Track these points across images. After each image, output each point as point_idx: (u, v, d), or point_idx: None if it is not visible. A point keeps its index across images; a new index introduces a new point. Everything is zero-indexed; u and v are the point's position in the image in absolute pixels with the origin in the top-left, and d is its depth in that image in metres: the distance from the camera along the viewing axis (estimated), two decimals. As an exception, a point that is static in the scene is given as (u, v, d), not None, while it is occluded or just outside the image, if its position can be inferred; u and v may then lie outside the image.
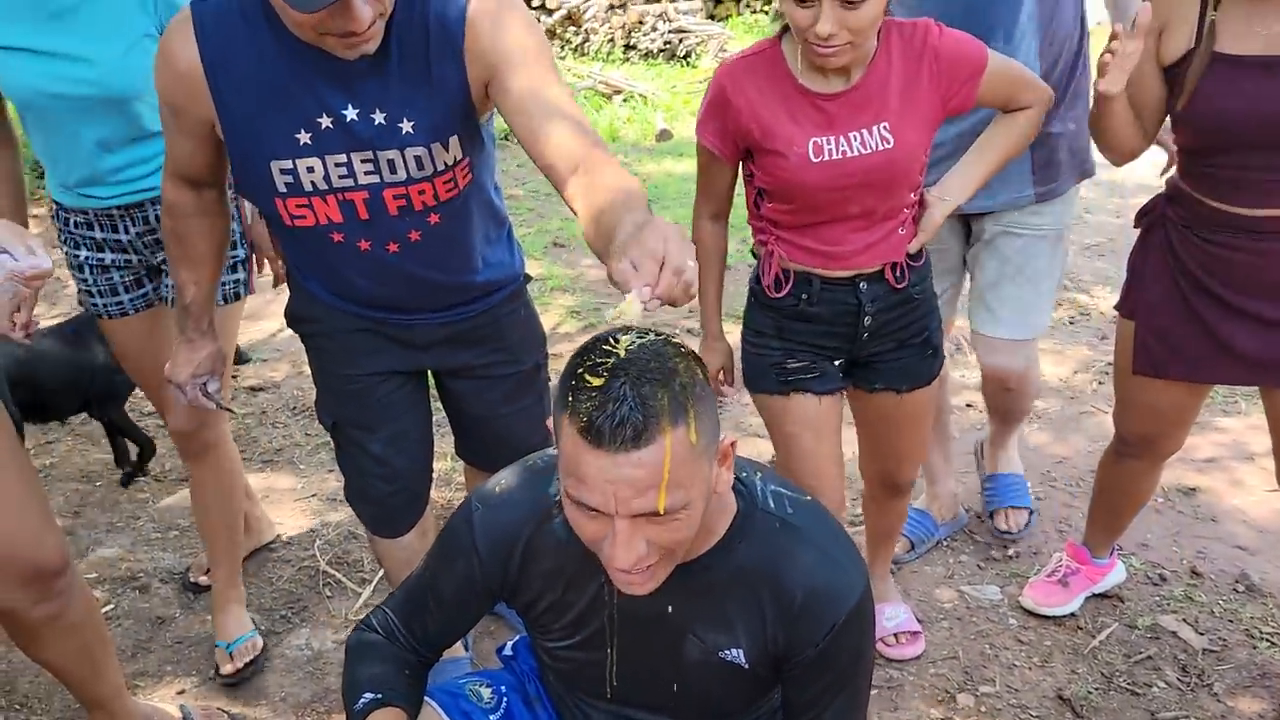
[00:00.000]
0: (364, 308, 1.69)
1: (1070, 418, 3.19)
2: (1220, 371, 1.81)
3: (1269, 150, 1.59)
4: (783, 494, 1.22)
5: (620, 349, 0.99)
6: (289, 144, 1.45)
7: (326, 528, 2.70)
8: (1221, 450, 2.93)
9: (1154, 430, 2.01)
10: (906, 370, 1.85)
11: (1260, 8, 1.58)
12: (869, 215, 1.68)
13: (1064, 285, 4.22)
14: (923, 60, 1.61)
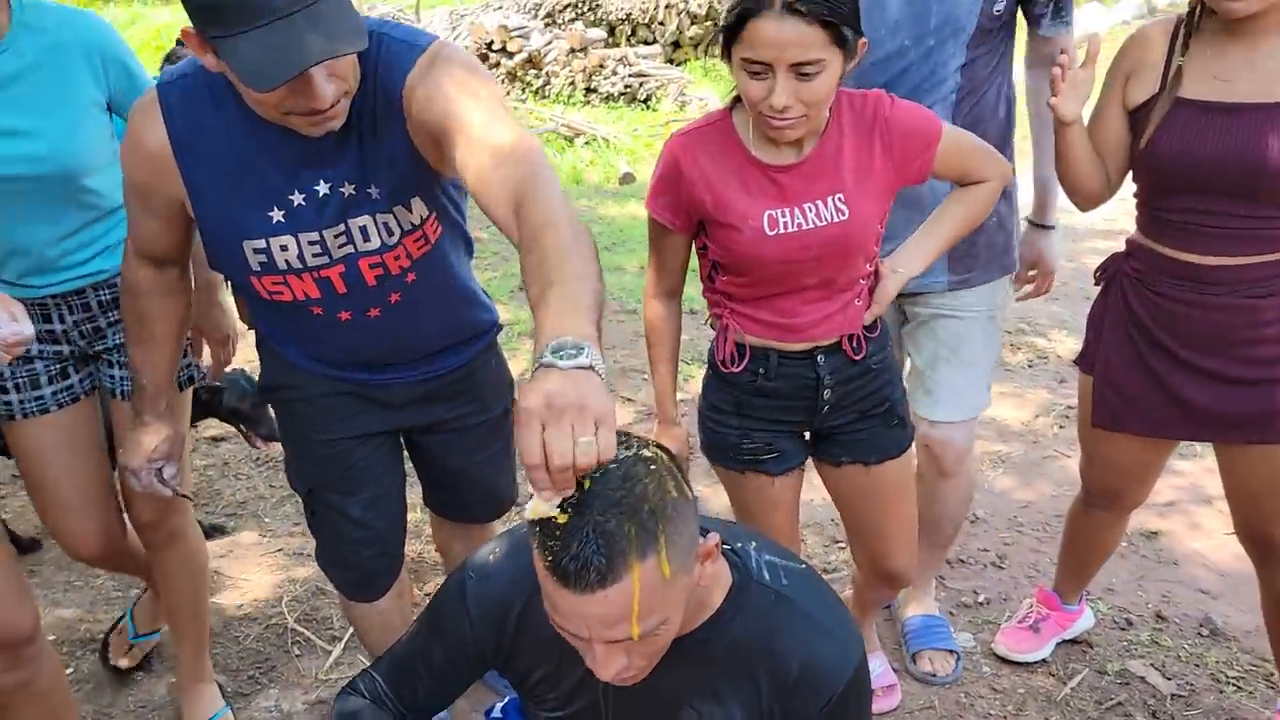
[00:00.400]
0: (344, 370, 1.68)
1: (1034, 462, 3.24)
2: (1175, 426, 1.86)
3: (1222, 196, 1.65)
4: (776, 564, 1.23)
5: (587, 479, 0.98)
6: (262, 222, 1.43)
7: (294, 584, 2.65)
8: (1181, 494, 2.99)
9: (1118, 484, 2.05)
10: (872, 442, 1.79)
11: (1223, 57, 1.64)
12: (825, 287, 1.64)
13: (1021, 329, 4.31)
14: (874, 131, 1.59)
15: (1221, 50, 1.65)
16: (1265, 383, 1.72)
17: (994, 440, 3.38)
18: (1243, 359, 1.73)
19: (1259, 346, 1.71)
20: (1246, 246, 1.67)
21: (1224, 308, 1.71)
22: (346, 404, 1.71)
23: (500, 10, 10.14)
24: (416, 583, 2.62)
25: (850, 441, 1.79)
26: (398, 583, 1.89)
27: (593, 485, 0.98)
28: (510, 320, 4.35)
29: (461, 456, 1.86)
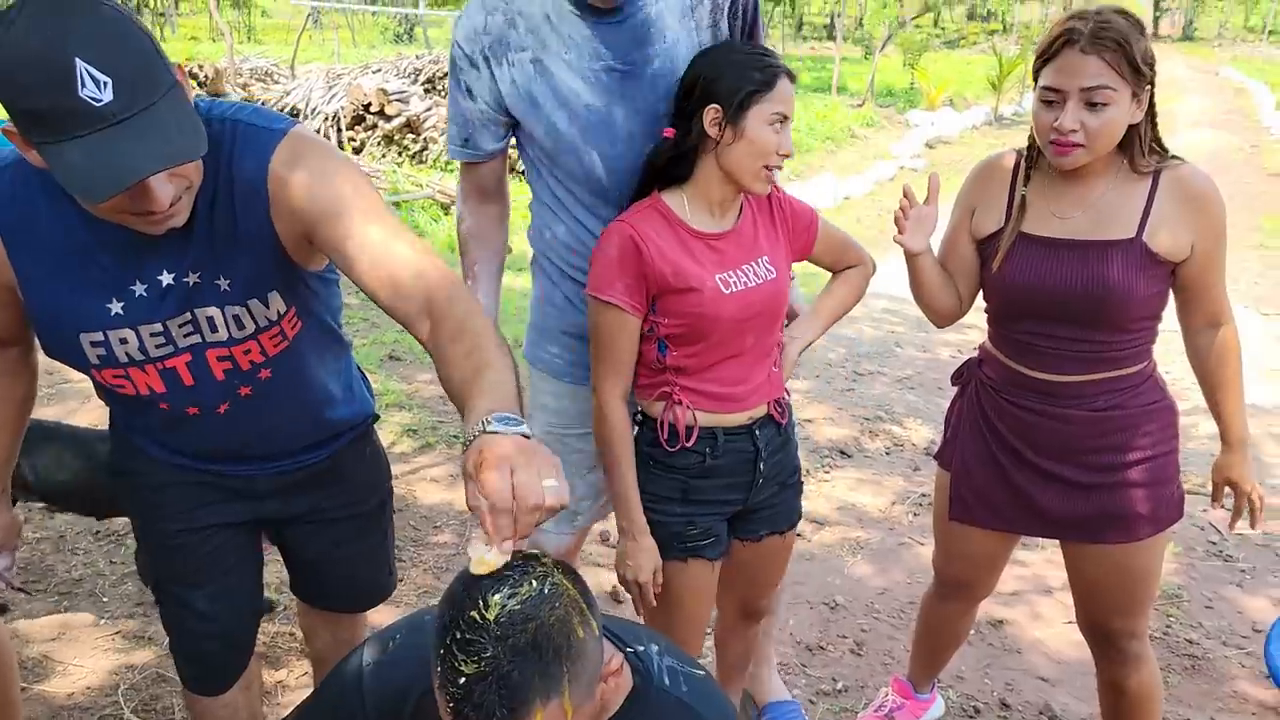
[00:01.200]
0: (198, 460, 1.60)
1: (890, 549, 3.36)
2: (1024, 524, 1.98)
3: (1066, 323, 1.79)
4: (678, 671, 1.25)
5: (491, 617, 0.99)
6: (99, 315, 1.35)
7: (132, 670, 2.48)
8: (1024, 585, 3.16)
9: (969, 574, 2.16)
10: (785, 509, 1.94)
11: (1061, 196, 1.79)
12: (757, 348, 1.79)
13: (879, 416, 4.50)
14: (773, 209, 1.82)
15: (1058, 188, 1.80)
16: (1105, 487, 1.85)
17: (853, 526, 3.49)
18: (1086, 465, 1.86)
19: (1102, 454, 1.85)
20: (1090, 366, 1.81)
21: (1071, 419, 1.84)
22: (200, 493, 1.63)
23: (380, 73, 10.11)
24: (269, 668, 2.49)
25: (770, 514, 1.91)
26: (245, 674, 1.80)
27: (499, 627, 0.99)
28: (380, 390, 4.26)
29: (327, 549, 1.79)
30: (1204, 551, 3.44)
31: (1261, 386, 5.43)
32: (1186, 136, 15.78)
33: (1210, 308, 1.82)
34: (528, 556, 1.06)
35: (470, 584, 1.03)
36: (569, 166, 1.78)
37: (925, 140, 14.76)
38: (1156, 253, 1.73)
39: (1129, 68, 1.64)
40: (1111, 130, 1.68)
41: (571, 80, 1.71)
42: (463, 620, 1.00)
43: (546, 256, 1.90)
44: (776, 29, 24.63)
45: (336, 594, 1.91)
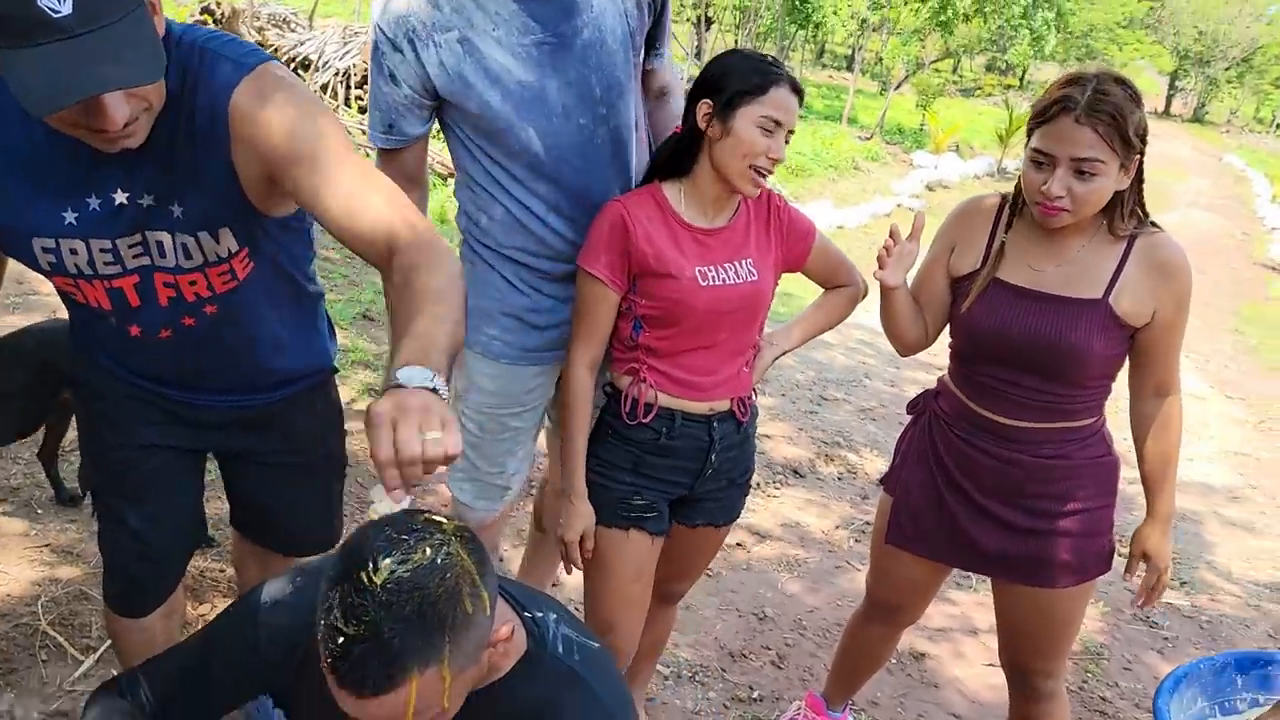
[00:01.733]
0: (147, 381, 1.60)
1: (826, 570, 3.40)
2: (958, 557, 2.01)
3: (1026, 371, 1.82)
4: (573, 640, 1.26)
5: (379, 581, 1.00)
6: (53, 221, 1.35)
7: (55, 583, 2.47)
8: (951, 623, 3.20)
9: (899, 600, 2.19)
10: (728, 506, 1.99)
11: (1038, 247, 1.82)
12: (730, 343, 1.83)
13: (837, 442, 4.54)
14: (770, 216, 1.87)
15: (1037, 240, 1.83)
16: (1041, 533, 1.89)
17: (794, 544, 3.52)
18: (1026, 509, 1.89)
19: (1043, 500, 1.88)
20: (1044, 415, 1.84)
21: (1018, 463, 1.88)
22: (145, 411, 1.63)
23: (397, 36, 10.07)
24: (194, 601, 2.49)
25: (712, 506, 1.96)
26: (169, 601, 1.79)
27: (385, 592, 1.00)
28: (348, 347, 4.26)
29: (267, 490, 1.79)
30: (1131, 615, 3.49)
31: (1216, 466, 5.52)
32: (1183, 215, 16.01)
33: (1161, 376, 1.85)
34: (430, 521, 1.07)
35: (364, 543, 1.03)
36: (506, 145, 1.74)
37: (926, 182, 14.87)
38: (1120, 316, 1.76)
39: (1120, 141, 1.66)
40: (1098, 199, 1.71)
41: (502, 57, 1.67)
42: (350, 580, 1.01)
43: (482, 242, 1.87)
44: (798, 53, 24.73)
45: (273, 534, 1.91)
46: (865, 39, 21.37)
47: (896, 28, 19.92)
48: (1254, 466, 5.65)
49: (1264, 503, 5.06)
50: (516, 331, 1.90)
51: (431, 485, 3.25)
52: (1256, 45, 37.29)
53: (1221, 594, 3.83)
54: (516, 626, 1.18)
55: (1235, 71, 38.85)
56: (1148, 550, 1.92)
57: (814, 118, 18.86)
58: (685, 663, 2.72)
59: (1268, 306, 10.58)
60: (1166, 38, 38.46)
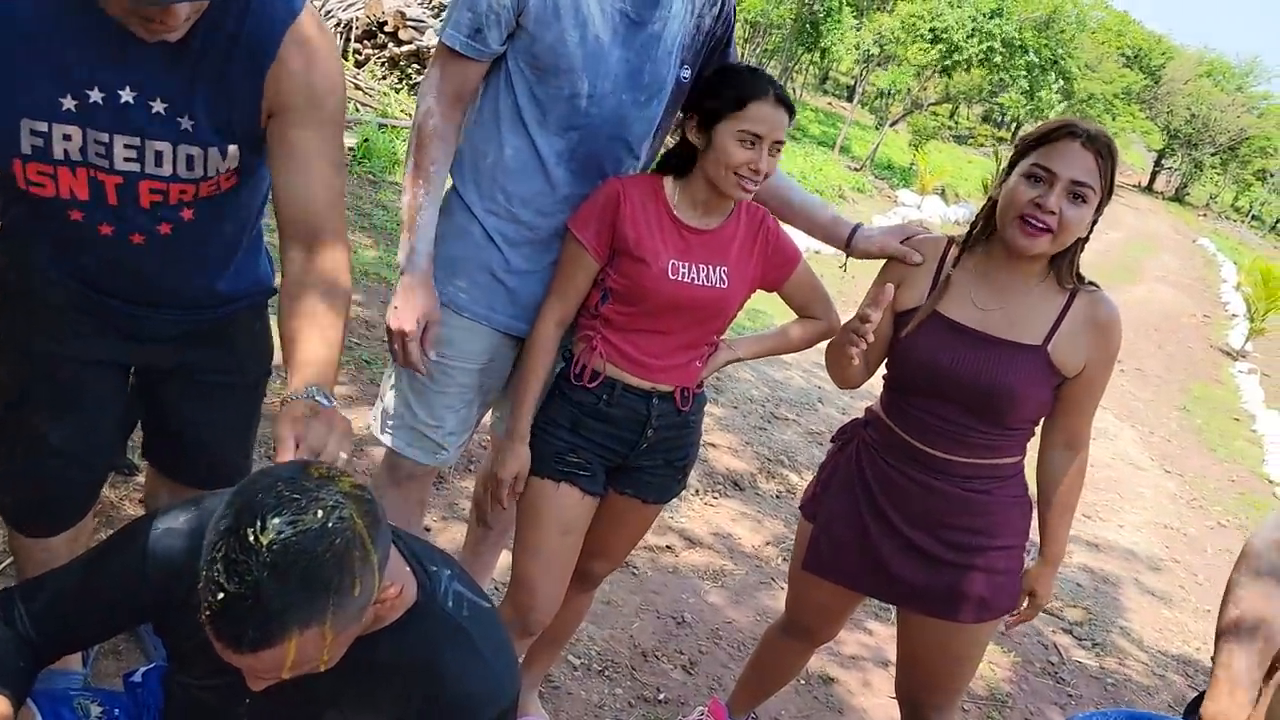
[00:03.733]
0: (88, 288, 1.57)
1: (750, 585, 3.42)
2: (872, 585, 2.03)
3: (955, 406, 1.85)
4: (464, 595, 1.26)
5: (265, 542, 0.99)
6: (49, 106, 1.34)
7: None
8: (863, 651, 3.23)
9: (813, 621, 2.21)
10: (658, 485, 2.02)
11: (983, 286, 1.85)
12: (684, 335, 1.90)
13: (781, 460, 4.57)
14: (758, 234, 1.94)
15: (984, 278, 1.86)
16: (955, 566, 1.92)
17: (722, 555, 3.54)
18: (944, 541, 1.92)
19: (961, 534, 1.91)
20: (971, 451, 1.87)
21: (941, 493, 1.90)
22: (80, 321, 1.59)
23: (404, -4, 9.99)
24: (104, 528, 2.45)
25: (642, 480, 2.00)
26: (78, 525, 1.77)
27: (270, 554, 0.98)
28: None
29: (196, 413, 1.77)
30: (1040, 668, 3.55)
31: (1144, 535, 5.62)
32: (1150, 289, 16.30)
33: (1074, 428, 1.90)
34: (325, 478, 1.06)
35: (254, 498, 1.02)
36: (556, 85, 1.81)
37: (907, 220, 15.01)
38: (1055, 365, 1.81)
39: (1108, 180, 1.75)
40: (1079, 228, 1.76)
41: (594, 7, 1.79)
42: (236, 536, 1.00)
43: (475, 183, 1.90)
44: (802, 75, 24.88)
45: (191, 465, 1.88)
46: (870, 72, 21.54)
47: (903, 62, 20.12)
48: (1181, 541, 5.76)
49: (1184, 577, 5.17)
50: (485, 288, 1.93)
51: (364, 447, 3.22)
52: (1244, 135, 38.09)
53: (1130, 659, 3.91)
54: (408, 581, 1.17)
55: (1220, 158, 39.66)
56: (1036, 589, 1.98)
57: (808, 141, 18.97)
58: (596, 656, 2.73)
59: (1217, 389, 10.81)
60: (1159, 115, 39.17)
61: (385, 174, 6.79)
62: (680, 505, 3.76)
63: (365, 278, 4.76)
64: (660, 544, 3.42)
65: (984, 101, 27.72)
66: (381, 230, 5.64)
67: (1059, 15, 21.38)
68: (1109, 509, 5.84)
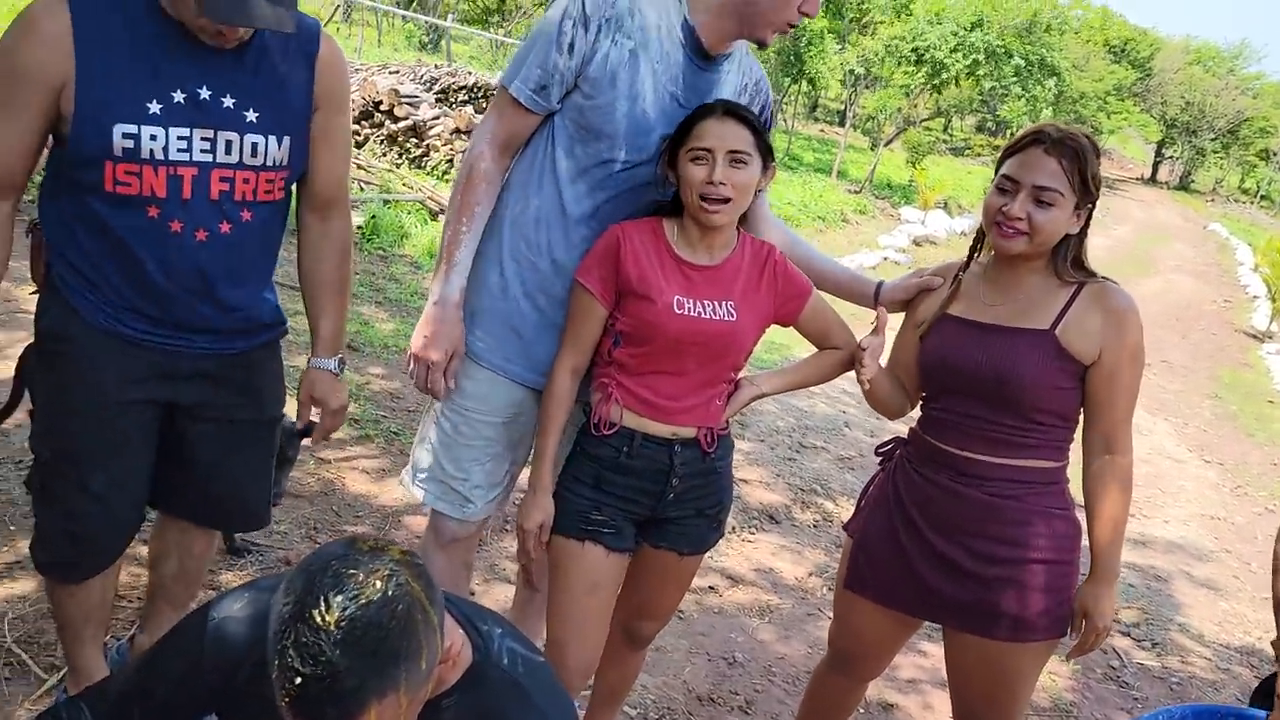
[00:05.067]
0: (137, 316, 1.68)
1: (798, 618, 3.40)
2: (908, 602, 2.01)
3: (977, 401, 1.88)
4: (517, 652, 1.28)
5: (331, 620, 1.01)
6: (138, 110, 1.55)
7: (23, 600, 2.46)
8: (921, 674, 3.20)
9: (858, 651, 2.18)
10: (693, 535, 2.01)
11: (991, 282, 1.92)
12: (699, 374, 1.89)
13: (814, 489, 4.56)
14: (765, 269, 1.94)
15: (991, 279, 1.94)
16: (992, 580, 1.90)
17: (767, 590, 3.53)
18: (973, 551, 1.91)
19: (988, 542, 1.90)
20: (993, 447, 1.88)
21: (970, 500, 1.90)
22: (124, 365, 1.71)
23: (396, 75, 10.21)
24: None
25: (677, 533, 1.99)
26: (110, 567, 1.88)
27: (340, 631, 1.01)
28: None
29: (218, 453, 1.86)
30: (1102, 674, 3.50)
31: (1191, 529, 5.55)
32: (1166, 280, 16.21)
33: (1107, 429, 1.88)
34: (375, 550, 1.09)
35: (313, 579, 1.04)
36: (597, 149, 1.90)
37: (913, 237, 15.03)
38: (1066, 348, 1.83)
39: (1079, 179, 1.80)
40: (1052, 229, 1.82)
41: (648, 85, 1.89)
42: (303, 619, 1.02)
43: (500, 232, 1.96)
44: (791, 106, 25.12)
45: (213, 506, 1.96)
46: (858, 95, 21.72)
47: (889, 83, 20.28)
48: (1229, 530, 5.68)
49: (1237, 567, 5.09)
50: (501, 339, 1.97)
51: (401, 517, 3.24)
52: (1242, 118, 38.06)
53: (1192, 656, 3.84)
54: (463, 641, 1.19)
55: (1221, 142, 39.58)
56: (1087, 608, 1.89)
57: (804, 170, 19.10)
58: (652, 705, 2.72)
59: (1247, 373, 10.70)
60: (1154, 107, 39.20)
61: (394, 249, 6.89)
62: (719, 544, 3.75)
63: (385, 350, 4.82)
64: (703, 585, 3.41)
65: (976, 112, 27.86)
66: (396, 303, 5.72)
67: (1038, 19, 21.53)
68: (1151, 505, 5.78)
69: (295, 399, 2.02)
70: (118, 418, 1.74)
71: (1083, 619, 1.90)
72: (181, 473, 1.90)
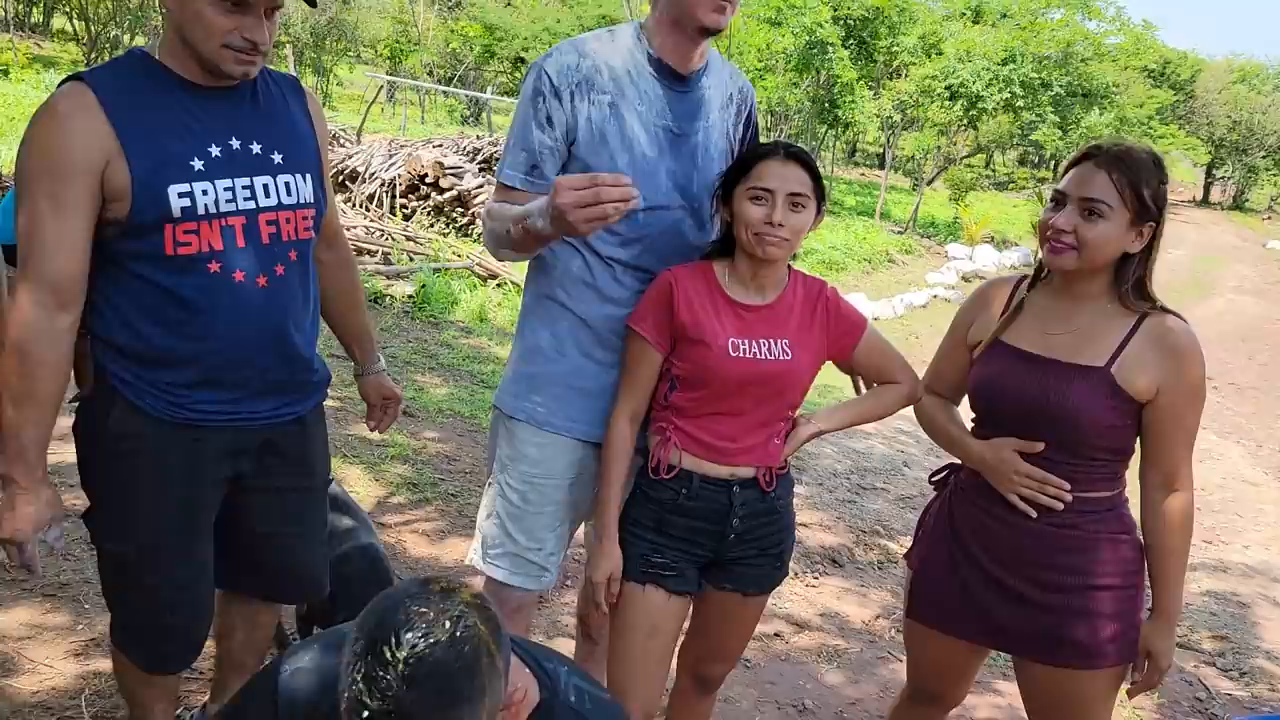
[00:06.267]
0: (205, 391, 1.71)
1: (868, 661, 3.33)
2: (974, 631, 1.98)
3: (1025, 433, 1.84)
4: (584, 689, 1.29)
5: (400, 657, 1.04)
6: (185, 170, 1.62)
7: (99, 677, 2.51)
8: (997, 712, 3.11)
9: (934, 681, 2.15)
10: (755, 576, 1.99)
11: (1051, 311, 1.88)
12: (756, 413, 1.89)
13: (876, 530, 4.50)
14: (818, 305, 1.94)
15: (1053, 306, 1.88)
16: (1058, 609, 1.86)
17: (833, 634, 3.47)
18: (1038, 581, 1.87)
19: (1052, 572, 1.86)
20: None
21: (1022, 527, 1.87)
22: (197, 452, 1.74)
23: (439, 148, 10.49)
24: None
25: (741, 573, 1.98)
26: None
27: (409, 672, 1.03)
28: (388, 441, 4.35)
29: (277, 524, 1.90)
30: (1189, 707, 3.37)
31: (1271, 552, 5.35)
32: (1228, 301, 15.84)
33: (1167, 466, 1.83)
34: (447, 590, 1.12)
35: (385, 617, 1.08)
36: None
37: (962, 273, 14.93)
38: (1121, 386, 1.78)
39: (1131, 193, 1.75)
40: (1102, 242, 1.77)
41: (638, 129, 1.91)
42: (373, 656, 1.05)
43: (548, 295, 1.99)
44: (829, 152, 25.25)
45: (275, 575, 1.99)
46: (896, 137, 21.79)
47: (926, 124, 20.30)
48: (1313, 552, 5.47)
49: (1324, 590, 4.89)
50: (562, 399, 1.98)
51: (464, 577, 3.27)
52: (1293, 132, 37.28)
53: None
54: (530, 683, 1.21)
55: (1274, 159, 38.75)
56: (1151, 648, 1.85)
57: (848, 214, 19.13)
58: (723, 755, 2.68)
59: (1320, 390, 10.36)
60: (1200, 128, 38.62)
61: (445, 315, 7.03)
62: (782, 590, 3.71)
63: (439, 415, 4.89)
64: (769, 631, 3.37)
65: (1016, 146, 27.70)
66: (449, 369, 5.81)
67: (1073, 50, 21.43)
68: (1230, 531, 5.59)
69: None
70: (194, 507, 1.77)
71: (1145, 658, 1.86)
72: (242, 547, 1.93)
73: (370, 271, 7.46)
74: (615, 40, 1.92)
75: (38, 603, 2.78)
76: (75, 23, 22.50)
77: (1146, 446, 1.84)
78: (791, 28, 18.45)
